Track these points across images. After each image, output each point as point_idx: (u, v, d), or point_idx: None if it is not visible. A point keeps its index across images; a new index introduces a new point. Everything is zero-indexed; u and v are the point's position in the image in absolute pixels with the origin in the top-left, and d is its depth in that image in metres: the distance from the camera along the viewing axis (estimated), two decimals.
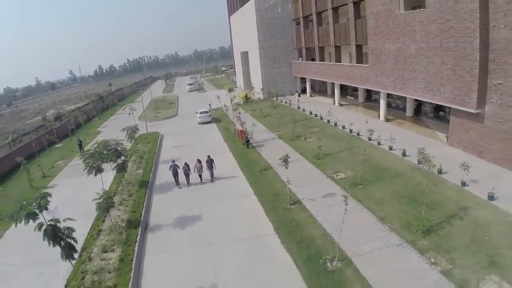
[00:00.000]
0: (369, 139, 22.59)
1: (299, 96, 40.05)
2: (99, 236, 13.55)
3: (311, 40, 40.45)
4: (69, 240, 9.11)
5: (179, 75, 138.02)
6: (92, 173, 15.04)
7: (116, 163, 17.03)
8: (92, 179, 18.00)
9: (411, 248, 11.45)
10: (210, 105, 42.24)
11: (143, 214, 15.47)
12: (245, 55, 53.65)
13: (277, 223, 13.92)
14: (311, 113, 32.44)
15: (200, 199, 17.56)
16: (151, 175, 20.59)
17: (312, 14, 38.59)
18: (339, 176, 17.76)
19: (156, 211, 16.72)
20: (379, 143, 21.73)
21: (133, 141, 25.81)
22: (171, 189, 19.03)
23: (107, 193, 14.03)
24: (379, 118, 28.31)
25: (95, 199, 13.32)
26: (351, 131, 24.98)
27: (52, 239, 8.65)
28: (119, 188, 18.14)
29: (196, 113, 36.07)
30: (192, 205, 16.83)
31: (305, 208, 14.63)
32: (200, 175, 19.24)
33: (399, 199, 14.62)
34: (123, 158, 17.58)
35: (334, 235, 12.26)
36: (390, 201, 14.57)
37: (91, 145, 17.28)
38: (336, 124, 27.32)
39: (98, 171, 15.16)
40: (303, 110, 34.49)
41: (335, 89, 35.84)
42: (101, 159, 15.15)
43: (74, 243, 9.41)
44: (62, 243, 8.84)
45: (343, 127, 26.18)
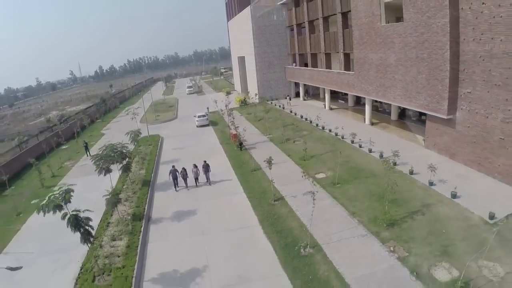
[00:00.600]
0: (352, 142, 24.68)
1: (290, 100, 42.38)
2: (108, 228, 15.69)
3: (304, 47, 42.55)
4: (87, 227, 11.22)
5: (179, 77, 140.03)
6: (102, 173, 17.14)
7: (121, 164, 19.11)
8: (98, 179, 20.05)
9: (374, 238, 13.49)
10: (208, 108, 44.37)
11: (146, 208, 17.61)
12: (242, 60, 55.75)
13: (261, 216, 16.08)
14: (301, 117, 34.57)
15: (196, 197, 19.62)
16: (152, 175, 22.72)
17: (304, 22, 40.73)
18: (320, 176, 19.86)
19: (157, 206, 18.84)
20: (360, 146, 23.82)
21: (136, 144, 27.86)
22: (171, 188, 21.02)
23: (114, 190, 16.15)
24: (365, 122, 30.41)
25: (105, 196, 15.42)
26: (336, 134, 27.05)
27: (74, 226, 10.75)
28: (124, 187, 20.31)
29: (194, 116, 38.12)
30: (188, 202, 18.90)
31: (287, 204, 16.76)
32: (196, 179, 20.71)
33: (370, 196, 16.67)
34: (127, 160, 19.65)
35: (310, 227, 14.35)
36: (362, 198, 16.64)
37: (100, 148, 19.18)
38: (323, 127, 29.41)
39: (107, 171, 17.29)
40: (295, 114, 36.61)
41: (326, 94, 37.96)
42: (110, 161, 17.23)
43: (91, 230, 11.54)
44: (81, 230, 10.94)
45: (330, 130, 28.27)
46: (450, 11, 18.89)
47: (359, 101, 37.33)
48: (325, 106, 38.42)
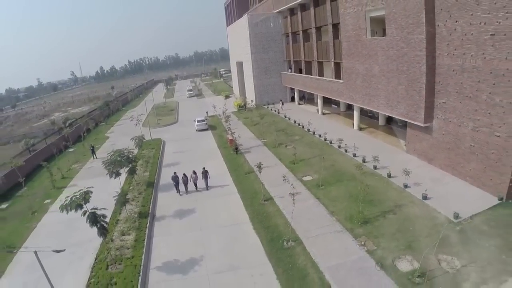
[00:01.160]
0: (339, 147, 26.76)
1: (282, 105, 44.78)
2: (117, 224, 17.85)
3: (298, 54, 44.64)
4: (103, 223, 13.35)
5: (180, 78, 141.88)
6: (113, 176, 19.30)
7: (128, 168, 21.25)
8: (106, 180, 22.21)
9: (348, 234, 15.58)
10: (207, 112, 46.49)
11: (150, 207, 19.82)
12: (240, 65, 57.78)
13: (252, 214, 18.25)
14: (295, 122, 36.69)
15: (195, 197, 21.73)
16: (156, 177, 24.91)
17: (299, 31, 42.80)
18: (307, 178, 21.98)
19: (161, 205, 21.01)
20: (346, 151, 25.90)
21: (140, 148, 30.01)
22: (172, 189, 23.07)
23: (122, 191, 18.28)
24: (353, 127, 32.50)
25: (114, 196, 17.56)
26: (325, 139, 29.14)
27: (92, 222, 12.88)
28: (130, 188, 22.49)
29: (194, 121, 40.21)
30: (188, 202, 21.03)
31: (275, 203, 18.92)
32: (195, 184, 22.28)
33: (349, 197, 18.74)
34: (133, 164, 21.79)
35: (293, 224, 16.46)
36: (341, 199, 18.75)
37: (108, 153, 21.33)
38: (314, 133, 31.52)
39: (117, 175, 19.44)
40: (289, 119, 38.72)
41: (318, 100, 40.05)
42: (119, 165, 19.38)
43: (106, 225, 13.68)
44: (98, 225, 13.07)
45: (320, 135, 30.35)
46: (426, 28, 20.87)
47: (350, 106, 39.29)
48: (318, 111, 40.51)
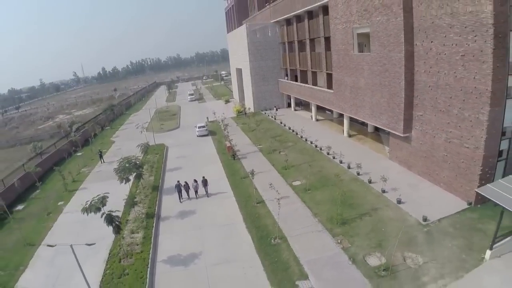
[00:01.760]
0: (327, 153, 29.11)
1: (277, 110, 47.58)
2: (127, 224, 20.27)
3: (294, 63, 47.01)
4: (117, 223, 15.77)
5: (181, 81, 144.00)
6: (123, 181, 21.76)
7: (135, 173, 23.67)
8: (114, 184, 24.56)
9: (327, 233, 17.92)
10: (207, 118, 48.91)
11: (156, 209, 22.29)
12: (239, 72, 60.17)
13: (245, 215, 20.68)
14: (289, 128, 39.08)
15: (196, 200, 24.04)
16: (160, 181, 27.36)
17: (295, 41, 45.15)
18: (296, 183, 24.35)
19: (165, 207, 23.40)
20: (333, 157, 28.24)
21: (145, 153, 32.45)
22: (175, 192, 25.38)
23: (131, 195, 20.71)
24: (343, 134, 34.85)
25: (124, 199, 19.98)
26: (316, 146, 31.49)
27: (109, 222, 15.30)
28: (137, 191, 24.91)
29: (195, 127, 42.63)
30: (189, 204, 23.43)
31: (266, 206, 21.33)
32: (196, 192, 24.10)
33: (332, 201, 21.01)
34: (140, 169, 24.19)
35: (280, 223, 18.86)
36: (325, 202, 21.09)
37: (117, 160, 23.76)
38: (306, 139, 33.90)
39: (127, 180, 21.89)
40: (284, 125, 41.11)
41: (312, 107, 42.42)
42: (128, 172, 21.84)
43: (120, 224, 16.10)
44: (113, 224, 15.49)
45: (311, 142, 32.69)
46: (405, 47, 23.09)
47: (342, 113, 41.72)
48: (312, 118, 42.87)
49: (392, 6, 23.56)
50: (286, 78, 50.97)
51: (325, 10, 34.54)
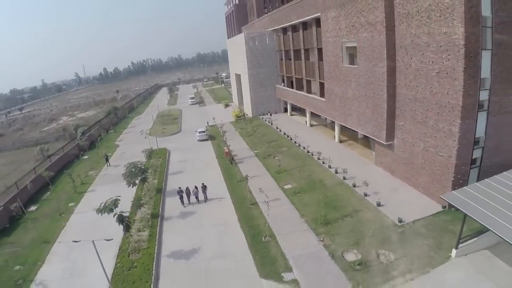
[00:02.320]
0: (318, 159, 31.37)
1: (271, 116, 50.23)
2: (134, 223, 22.58)
3: (290, 71, 49.23)
4: (127, 222, 18.11)
5: (182, 83, 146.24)
6: (131, 185, 24.13)
7: (140, 177, 25.98)
8: (120, 186, 26.94)
9: (312, 232, 20.17)
10: (207, 123, 51.22)
11: (160, 210, 24.64)
12: (238, 77, 62.46)
13: (240, 216, 22.99)
14: (284, 133, 41.35)
15: (196, 204, 26.03)
16: (163, 184, 29.69)
17: (290, 50, 47.39)
18: (287, 186, 26.64)
19: (168, 208, 25.65)
20: (323, 162, 30.49)
21: (149, 158, 34.80)
22: (177, 195, 27.70)
23: (137, 197, 23.04)
24: (335, 139, 37.09)
25: (131, 201, 22.31)
26: (308, 151, 33.77)
27: (120, 221, 17.63)
28: (143, 193, 27.25)
29: (196, 131, 44.94)
30: (190, 207, 25.64)
31: (258, 207, 23.60)
32: (197, 197, 25.81)
33: (318, 203, 23.20)
34: (145, 174, 26.50)
35: (271, 223, 21.17)
36: (312, 204, 23.34)
37: (124, 165, 26.05)
38: (299, 145, 36.19)
39: (134, 184, 24.26)
40: (280, 130, 43.39)
41: (307, 113, 44.66)
42: (135, 176, 24.18)
43: (130, 224, 18.44)
44: (124, 223, 17.83)
45: (304, 147, 34.96)
46: (387, 62, 25.17)
47: None
48: (306, 123, 45.12)
49: (376, 24, 25.64)
50: (283, 84, 53.23)
51: (318, 22, 36.52)
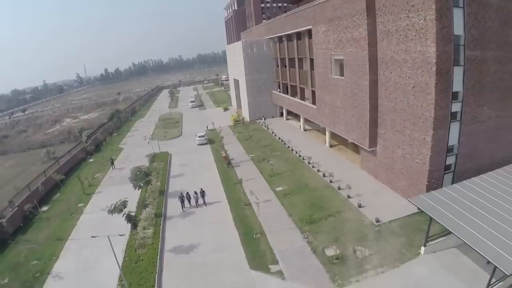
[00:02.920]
0: (308, 163, 33.87)
1: (265, 120, 53.07)
2: (140, 222, 25.10)
3: (285, 77, 51.72)
4: (134, 220, 20.67)
5: (183, 85, 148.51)
6: (136, 188, 26.70)
7: (144, 180, 28.53)
8: (125, 188, 29.51)
9: (298, 230, 22.67)
10: (207, 127, 53.73)
11: (163, 210, 27.23)
12: (237, 82, 64.92)
13: (235, 215, 25.54)
14: (279, 138, 43.83)
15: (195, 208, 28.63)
16: (165, 186, 32.21)
17: (286, 58, 49.85)
18: (279, 189, 29.14)
19: (170, 209, 28.12)
20: (313, 167, 32.97)
21: (152, 162, 37.37)
22: (179, 199, 29.89)
23: (142, 198, 25.59)
24: (326, 144, 39.57)
25: (137, 201, 24.86)
26: (299, 156, 36.27)
27: (128, 219, 20.19)
28: (147, 195, 29.79)
29: (196, 136, 47.43)
30: (190, 208, 28.03)
31: (252, 208, 26.14)
32: (197, 201, 27.92)
33: (305, 204, 25.79)
34: (149, 177, 29.05)
35: (262, 222, 23.69)
36: (300, 205, 25.84)
37: (130, 169, 28.59)
38: (292, 149, 38.68)
39: (140, 187, 26.83)
40: (275, 135, 45.89)
41: (301, 118, 47.15)
42: (140, 180, 26.74)
43: (137, 222, 21.00)
44: (132, 221, 20.39)
45: (296, 152, 37.46)
46: (370, 75, 27.45)
47: None
48: (300, 128, 47.61)
49: (360, 40, 28.02)
50: (278, 90, 55.70)
51: (310, 33, 38.80)
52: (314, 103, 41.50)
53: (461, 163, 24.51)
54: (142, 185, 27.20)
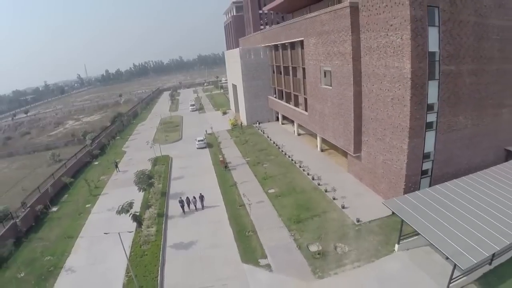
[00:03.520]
0: (300, 166, 36.39)
1: (259, 124, 55.36)
2: (144, 221, 27.64)
3: (280, 84, 54.16)
4: (140, 220, 23.24)
5: (183, 87, 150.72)
6: (141, 190, 29.29)
7: (147, 183, 31.10)
8: (129, 190, 32.03)
9: (286, 228, 25.18)
10: (206, 131, 56.27)
11: (165, 210, 29.78)
12: (235, 87, 67.40)
13: (230, 215, 28.08)
14: (274, 142, 46.35)
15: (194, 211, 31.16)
16: (167, 188, 34.76)
17: (281, 65, 52.30)
18: (271, 191, 31.70)
19: (171, 209, 30.61)
20: (304, 170, 35.50)
21: (154, 165, 39.96)
22: (179, 203, 32.12)
23: (144, 199, 28.20)
24: (317, 149, 42.08)
25: (141, 203, 27.44)
26: (292, 159, 38.81)
27: (135, 219, 22.78)
28: (150, 196, 32.34)
29: (195, 140, 49.95)
30: (191, 209, 30.68)
31: (245, 208, 28.69)
32: (195, 205, 29.70)
33: (294, 205, 28.27)
34: (152, 180, 31.61)
35: (254, 221, 26.27)
36: (289, 206, 28.36)
37: (134, 173, 31.15)
38: (285, 153, 41.20)
39: (144, 189, 29.42)
40: (270, 139, 48.39)
41: (295, 123, 49.66)
42: (144, 183, 29.33)
43: (141, 221, 23.61)
44: (137, 220, 22.98)
45: (289, 156, 39.97)
46: (354, 87, 29.64)
47: None
48: (295, 132, 50.14)
49: (346, 54, 30.33)
50: (274, 95, 58.17)
51: (302, 44, 41.07)
52: (306, 109, 43.99)
53: (437, 168, 26.60)
54: (145, 187, 29.71)
